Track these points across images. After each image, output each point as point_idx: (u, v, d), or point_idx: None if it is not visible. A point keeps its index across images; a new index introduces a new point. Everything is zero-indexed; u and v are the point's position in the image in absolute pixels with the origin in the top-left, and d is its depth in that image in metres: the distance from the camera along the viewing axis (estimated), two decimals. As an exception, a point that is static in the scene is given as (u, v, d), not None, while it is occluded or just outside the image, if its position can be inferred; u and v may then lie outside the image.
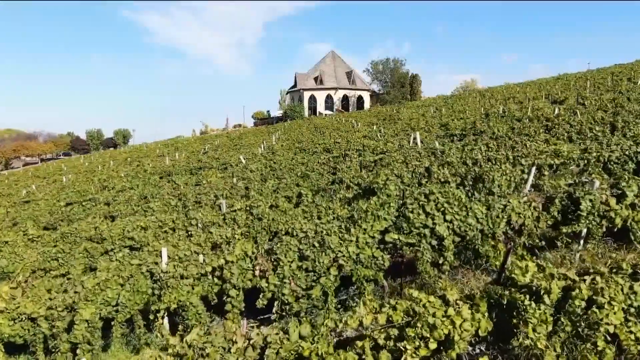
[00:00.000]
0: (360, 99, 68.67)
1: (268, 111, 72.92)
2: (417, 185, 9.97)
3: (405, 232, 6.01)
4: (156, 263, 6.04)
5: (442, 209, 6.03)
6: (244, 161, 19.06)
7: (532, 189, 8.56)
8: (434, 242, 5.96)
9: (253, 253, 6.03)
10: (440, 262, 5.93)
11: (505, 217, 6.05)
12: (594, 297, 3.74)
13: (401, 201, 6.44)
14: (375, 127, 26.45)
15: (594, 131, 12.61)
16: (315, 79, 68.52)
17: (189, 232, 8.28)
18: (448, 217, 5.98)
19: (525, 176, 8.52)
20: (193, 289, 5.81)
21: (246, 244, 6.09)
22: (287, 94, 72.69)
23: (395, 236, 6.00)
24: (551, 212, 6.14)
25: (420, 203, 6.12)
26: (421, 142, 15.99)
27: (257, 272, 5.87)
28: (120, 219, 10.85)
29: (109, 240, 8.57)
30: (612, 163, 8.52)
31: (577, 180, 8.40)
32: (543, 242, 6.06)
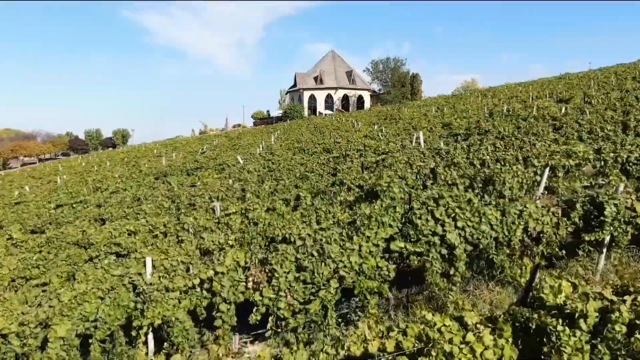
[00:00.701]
0: (360, 99, 68.15)
1: (268, 111, 72.43)
2: (422, 187, 9.45)
3: (412, 240, 5.49)
4: (140, 274, 5.52)
5: (453, 214, 5.51)
6: (241, 161, 18.54)
7: (546, 192, 8.05)
8: (444, 251, 5.44)
9: (246, 263, 5.50)
10: (451, 272, 5.41)
11: (522, 223, 5.53)
12: (637, 322, 3.22)
13: (407, 206, 5.91)
14: (376, 126, 25.93)
15: (605, 130, 12.10)
16: (315, 78, 67.98)
17: (180, 238, 7.75)
18: (459, 224, 5.46)
19: (538, 178, 8.01)
20: (180, 302, 5.28)
21: (238, 253, 5.56)
22: (286, 93, 72.17)
23: (402, 244, 5.48)
24: (572, 218, 5.62)
25: (429, 208, 5.60)
26: (424, 142, 15.47)
27: (249, 284, 5.35)
28: (109, 222, 10.33)
29: (95, 245, 8.04)
30: (630, 164, 7.99)
31: (594, 183, 7.88)
32: (564, 252, 5.53)
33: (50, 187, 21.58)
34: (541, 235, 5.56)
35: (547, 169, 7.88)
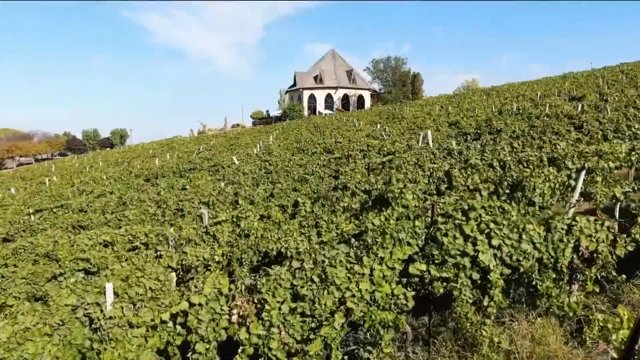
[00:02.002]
0: (360, 98, 67.08)
1: (267, 111, 71.39)
2: (435, 193, 8.40)
3: (436, 261, 4.44)
4: (98, 304, 4.47)
5: (487, 230, 4.46)
6: (237, 162, 17.48)
7: (581, 198, 7.01)
8: (476, 276, 4.39)
9: (230, 290, 4.45)
10: (485, 302, 4.36)
11: (571, 241, 4.48)
12: None
13: (429, 219, 4.86)
14: (379, 125, 24.89)
15: (633, 129, 11.06)
16: (315, 78, 66.92)
17: (159, 252, 6.69)
18: (495, 242, 4.41)
19: (572, 182, 6.96)
20: (146, 341, 4.23)
21: (220, 279, 4.51)
22: (286, 93, 71.10)
23: (423, 267, 4.43)
24: (633, 235, 4.57)
25: (457, 222, 4.54)
26: (432, 141, 14.42)
27: (234, 318, 4.29)
28: (85, 231, 9.27)
29: (62, 260, 6.98)
30: (679, 167, 6.95)
31: (637, 188, 6.84)
32: (623, 276, 4.49)
33: (35, 190, 20.51)
34: (595, 255, 4.51)
35: (584, 172, 6.83)
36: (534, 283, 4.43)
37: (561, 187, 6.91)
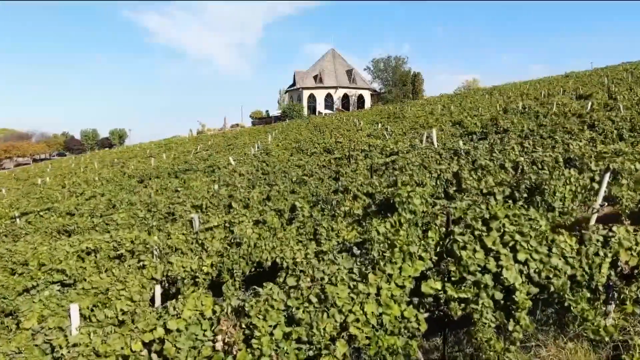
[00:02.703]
0: (360, 98, 66.45)
1: (267, 111, 70.83)
2: (443, 196, 7.81)
3: (453, 278, 3.84)
4: (61, 328, 3.88)
5: (511, 242, 3.86)
6: (233, 163, 16.89)
7: (605, 203, 6.41)
8: (499, 295, 3.80)
9: (214, 312, 3.85)
10: (510, 327, 3.76)
11: (609, 255, 3.88)
12: None
13: (444, 228, 4.26)
14: (380, 125, 24.29)
15: (650, 128, 10.47)
16: (315, 77, 66.28)
17: (142, 262, 6.10)
18: (521, 256, 3.81)
19: (595, 185, 6.37)
20: (116, 372, 3.64)
21: (203, 299, 3.91)
22: (286, 93, 70.52)
23: (438, 285, 3.83)
24: (679, 247, 3.97)
25: (476, 233, 3.94)
26: (437, 141, 13.82)
27: (218, 345, 3.69)
28: (68, 237, 8.67)
29: (35, 271, 6.39)
30: None
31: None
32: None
33: (26, 191, 19.90)
34: (636, 271, 3.91)
35: (608, 175, 6.23)
36: (566, 304, 3.82)
37: (583, 191, 6.32)
